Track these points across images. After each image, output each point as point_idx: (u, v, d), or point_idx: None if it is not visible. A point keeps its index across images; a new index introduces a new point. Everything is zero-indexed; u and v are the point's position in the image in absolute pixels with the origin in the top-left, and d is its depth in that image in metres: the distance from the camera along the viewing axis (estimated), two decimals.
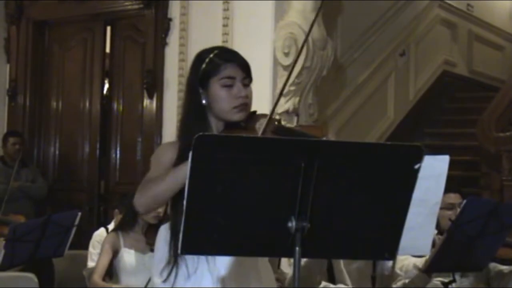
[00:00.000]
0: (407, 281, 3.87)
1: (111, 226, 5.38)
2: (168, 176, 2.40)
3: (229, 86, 2.51)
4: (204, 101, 2.54)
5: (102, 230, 5.36)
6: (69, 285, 5.56)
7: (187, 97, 2.62)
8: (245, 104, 2.52)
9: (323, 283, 3.85)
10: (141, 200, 2.48)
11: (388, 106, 7.94)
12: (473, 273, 3.96)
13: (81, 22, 7.55)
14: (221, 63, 2.52)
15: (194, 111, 2.57)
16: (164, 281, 2.49)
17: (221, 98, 2.51)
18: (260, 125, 2.48)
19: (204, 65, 2.54)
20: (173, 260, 2.48)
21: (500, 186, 6.25)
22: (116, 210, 5.39)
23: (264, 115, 2.55)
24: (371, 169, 2.00)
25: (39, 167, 7.48)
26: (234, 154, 1.93)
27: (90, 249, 5.28)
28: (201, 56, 2.58)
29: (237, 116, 2.52)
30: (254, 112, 2.61)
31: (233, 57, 2.56)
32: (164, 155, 2.59)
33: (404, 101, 8.19)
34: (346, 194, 2.01)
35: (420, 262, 3.77)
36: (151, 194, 2.46)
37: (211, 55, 2.54)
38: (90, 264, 5.18)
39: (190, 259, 2.47)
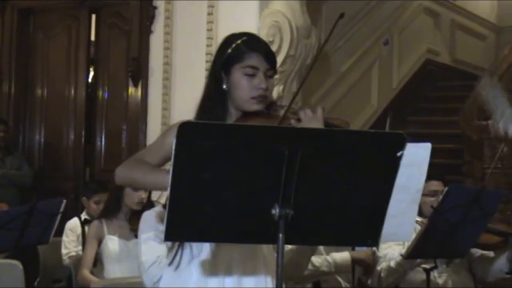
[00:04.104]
0: (392, 264, 3.88)
1: (83, 215, 5.41)
2: (151, 175, 2.41)
3: (251, 76, 2.46)
4: (224, 86, 2.50)
5: (75, 219, 5.42)
6: (54, 272, 5.57)
7: (209, 80, 2.57)
8: (264, 96, 2.48)
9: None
10: (120, 175, 2.51)
11: (372, 94, 7.96)
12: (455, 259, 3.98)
13: (65, 9, 7.50)
14: (246, 51, 2.47)
15: (214, 94, 2.52)
16: (170, 263, 2.49)
17: (241, 86, 2.47)
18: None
19: (229, 50, 2.49)
20: (178, 243, 2.47)
21: (482, 173, 6.28)
22: (84, 198, 5.42)
23: (283, 106, 2.53)
24: (354, 157, 2.00)
25: (24, 155, 7.43)
26: (218, 141, 1.92)
27: (64, 237, 5.34)
28: (228, 40, 2.54)
29: (254, 107, 2.48)
30: (274, 102, 2.59)
31: (259, 47, 2.51)
32: (172, 135, 2.53)
33: (388, 89, 8.21)
34: (330, 181, 2.01)
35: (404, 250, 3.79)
36: (131, 178, 2.51)
37: (239, 41, 2.49)
38: (64, 251, 5.25)
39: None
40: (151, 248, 3.37)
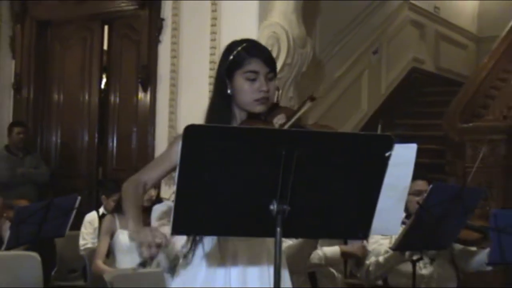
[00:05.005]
0: (380, 259, 3.88)
1: (101, 210, 5.44)
2: (129, 210, 2.41)
3: (252, 80, 2.46)
4: (229, 91, 2.49)
5: (93, 213, 5.47)
6: (70, 263, 5.57)
7: (215, 86, 2.57)
8: (266, 97, 2.48)
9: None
10: (124, 190, 2.50)
11: (362, 99, 7.96)
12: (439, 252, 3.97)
13: (80, 21, 7.51)
14: (246, 57, 2.47)
15: (219, 99, 2.52)
16: (184, 257, 2.49)
17: (244, 90, 2.46)
18: (278, 120, 2.47)
19: (231, 57, 2.49)
20: (192, 240, 2.47)
21: (463, 172, 6.27)
22: (103, 196, 5.45)
23: (285, 108, 2.54)
24: (346, 157, 2.01)
25: (41, 155, 7.44)
26: (221, 143, 1.93)
27: (82, 229, 5.41)
28: (230, 47, 2.53)
29: (257, 109, 2.48)
30: (277, 104, 2.59)
31: (258, 52, 2.50)
32: (178, 144, 2.53)
33: (377, 94, 8.21)
34: (323, 179, 2.02)
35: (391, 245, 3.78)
36: (122, 200, 2.56)
37: (239, 48, 2.49)
38: (82, 242, 5.29)
39: (206, 239, 2.45)
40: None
